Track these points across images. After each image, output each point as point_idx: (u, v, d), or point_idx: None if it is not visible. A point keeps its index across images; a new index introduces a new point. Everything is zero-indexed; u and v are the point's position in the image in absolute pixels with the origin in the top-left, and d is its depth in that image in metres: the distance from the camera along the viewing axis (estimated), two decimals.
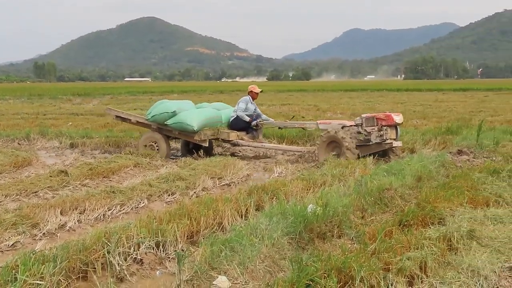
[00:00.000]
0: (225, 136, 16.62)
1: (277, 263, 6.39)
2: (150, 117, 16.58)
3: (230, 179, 12.55)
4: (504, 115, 29.69)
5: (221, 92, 78.45)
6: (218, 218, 8.16)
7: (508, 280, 6.06)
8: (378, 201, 9.29)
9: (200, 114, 16.35)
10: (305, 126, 17.18)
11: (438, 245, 6.56)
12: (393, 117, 14.88)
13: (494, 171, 11.44)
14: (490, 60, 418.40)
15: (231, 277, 5.94)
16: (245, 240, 6.48)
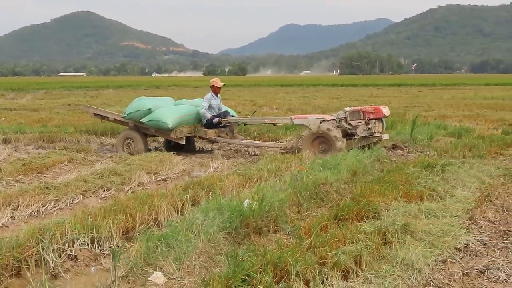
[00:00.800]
0: (202, 133, 16.32)
1: (213, 258, 6.39)
2: (126, 114, 16.32)
3: (166, 174, 12.49)
4: (437, 110, 30.12)
5: (157, 87, 77.93)
6: (154, 213, 8.11)
7: (441, 273, 6.15)
8: (314, 196, 9.33)
9: (176, 111, 16.08)
10: (277, 121, 16.65)
11: (373, 239, 6.63)
12: (382, 110, 14.73)
13: (428, 166, 11.58)
14: (424, 55, 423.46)
15: (167, 273, 5.93)
16: (181, 235, 6.47)
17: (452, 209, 8.64)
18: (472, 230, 7.83)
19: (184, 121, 16.04)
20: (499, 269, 6.20)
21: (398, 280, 5.79)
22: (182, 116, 16.04)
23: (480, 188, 10.43)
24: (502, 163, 13.36)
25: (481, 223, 8.26)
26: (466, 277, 6.13)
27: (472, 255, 6.84)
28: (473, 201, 9.37)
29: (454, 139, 17.19)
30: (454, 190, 9.94)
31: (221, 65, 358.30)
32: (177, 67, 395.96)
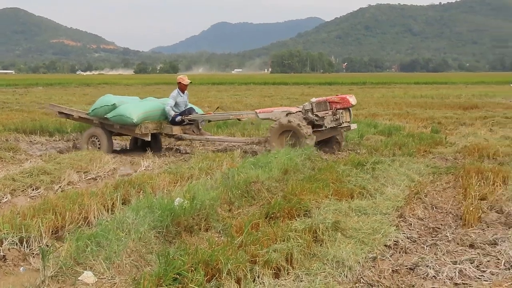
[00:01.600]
0: (168, 130, 16.08)
1: (144, 257, 6.34)
2: (90, 111, 16.06)
3: (96, 173, 12.37)
4: (368, 108, 30.41)
5: (87, 85, 77.29)
6: (84, 212, 8.03)
7: (371, 270, 6.20)
8: (245, 194, 9.33)
9: (141, 107, 15.82)
10: (242, 116, 16.50)
11: (304, 237, 6.65)
12: (348, 99, 14.63)
13: (358, 164, 11.68)
14: (354, 54, 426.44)
15: (97, 272, 5.87)
16: (111, 234, 6.41)
17: (382, 206, 8.72)
18: (401, 228, 7.92)
19: (149, 117, 15.79)
20: (428, 266, 6.27)
21: (329, 277, 5.82)
22: (148, 111, 15.79)
23: (409, 186, 10.56)
24: (431, 161, 13.56)
25: (411, 220, 8.35)
26: (396, 274, 6.19)
27: (401, 252, 6.92)
28: (402, 199, 9.47)
29: (384, 137, 17.38)
30: (384, 188, 10.04)
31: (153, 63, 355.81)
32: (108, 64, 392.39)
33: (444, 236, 7.58)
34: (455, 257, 6.62)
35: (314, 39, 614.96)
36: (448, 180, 11.52)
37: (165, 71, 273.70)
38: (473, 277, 6.05)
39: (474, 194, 9.55)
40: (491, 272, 6.17)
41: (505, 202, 9.06)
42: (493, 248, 6.91)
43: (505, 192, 9.76)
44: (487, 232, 7.72)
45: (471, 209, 8.46)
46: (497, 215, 8.55)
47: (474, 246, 7.07)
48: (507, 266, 6.28)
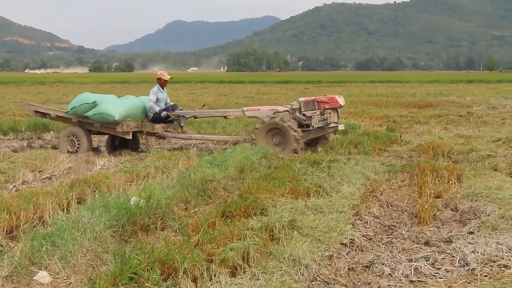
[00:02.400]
0: (149, 128, 15.82)
1: (99, 256, 6.29)
2: (69, 109, 15.65)
3: (51, 172, 12.25)
4: None
5: (42, 84, 76.68)
6: (39, 212, 7.94)
7: (328, 269, 6.22)
8: (201, 193, 9.31)
9: (122, 104, 15.60)
10: (228, 114, 16.43)
11: (260, 236, 6.64)
12: (337, 100, 14.52)
13: (314, 162, 11.71)
14: (310, 53, 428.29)
15: (53, 272, 5.81)
16: (66, 234, 6.35)
17: (338, 205, 8.75)
18: (357, 226, 7.95)
19: (131, 115, 15.58)
20: (384, 264, 6.31)
21: (285, 276, 5.82)
22: (129, 109, 15.57)
23: (365, 184, 10.61)
24: (386, 159, 13.65)
25: (366, 218, 8.39)
26: (352, 272, 6.22)
27: (357, 250, 6.95)
28: (358, 197, 9.51)
29: (340, 135, 17.41)
30: (340, 186, 10.06)
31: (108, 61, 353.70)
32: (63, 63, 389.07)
33: (400, 234, 7.63)
34: (410, 255, 6.67)
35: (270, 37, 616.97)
36: (403, 178, 11.61)
37: (121, 70, 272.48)
38: (428, 275, 6.10)
39: (429, 192, 9.62)
40: (446, 269, 6.21)
41: (459, 200, 9.13)
42: (448, 245, 6.96)
43: (459, 190, 9.84)
44: (442, 229, 7.78)
45: (426, 207, 8.53)
46: (452, 213, 8.63)
47: (429, 244, 7.12)
48: (462, 263, 6.33)
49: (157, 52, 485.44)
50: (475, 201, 9.04)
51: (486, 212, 8.33)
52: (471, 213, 8.47)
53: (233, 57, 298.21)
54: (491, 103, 34.23)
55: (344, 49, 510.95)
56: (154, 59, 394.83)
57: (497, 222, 7.71)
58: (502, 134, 17.18)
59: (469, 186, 9.91)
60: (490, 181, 10.24)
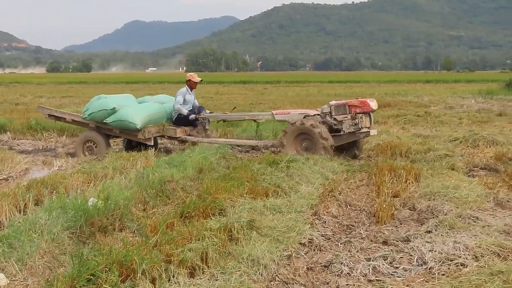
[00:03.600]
0: (171, 133, 15.37)
1: (57, 258, 6.25)
2: (87, 115, 15.11)
3: (7, 173, 12.14)
4: (282, 107, 30.48)
5: None
6: None
7: (286, 268, 6.24)
8: (160, 193, 9.28)
9: (143, 110, 15.10)
10: (258, 118, 15.97)
11: (219, 236, 6.64)
12: (369, 103, 13.89)
13: (273, 162, 11.69)
14: (269, 53, 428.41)
15: (9, 274, 5.76)
16: (23, 235, 6.30)
17: (297, 204, 8.76)
18: (316, 225, 7.99)
19: (152, 120, 15.15)
20: (343, 263, 6.34)
21: (244, 276, 5.82)
22: (150, 115, 15.14)
23: (323, 184, 10.64)
24: (345, 159, 13.69)
25: (325, 218, 8.43)
26: (310, 271, 6.24)
27: (316, 250, 6.98)
28: (317, 197, 9.54)
29: None
30: (298, 186, 10.08)
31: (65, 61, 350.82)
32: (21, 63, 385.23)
33: (358, 233, 7.68)
34: (368, 254, 6.71)
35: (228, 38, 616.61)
36: (361, 177, 11.67)
37: (78, 70, 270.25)
38: (386, 274, 6.14)
39: (387, 191, 9.69)
40: (404, 268, 6.26)
41: (417, 199, 9.20)
42: (405, 244, 7.02)
43: (417, 189, 9.92)
44: (400, 229, 7.84)
45: (384, 206, 8.59)
46: (410, 212, 8.69)
47: (387, 243, 7.17)
48: (420, 262, 6.38)
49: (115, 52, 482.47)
50: (432, 200, 9.11)
51: (444, 211, 8.41)
52: (429, 212, 8.54)
53: (192, 57, 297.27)
54: (448, 103, 34.49)
55: (302, 49, 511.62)
56: (112, 59, 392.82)
57: (454, 221, 7.78)
58: (459, 133, 17.31)
59: (427, 186, 9.99)
60: (447, 180, 10.34)
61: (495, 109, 29.16)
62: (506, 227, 7.78)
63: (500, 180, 10.95)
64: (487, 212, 8.65)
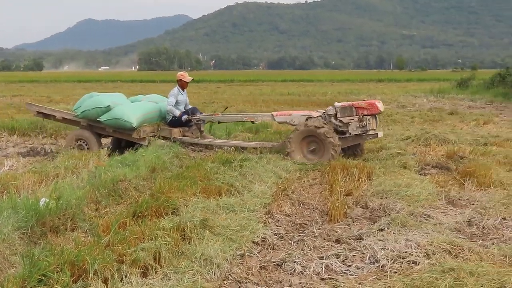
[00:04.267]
0: (166, 133, 14.92)
1: (8, 259, 6.16)
2: (80, 113, 14.62)
3: None
4: (236, 106, 30.57)
5: None
6: None
7: (239, 267, 6.24)
8: (112, 193, 9.20)
9: (138, 109, 14.67)
10: (256, 119, 15.47)
11: (172, 235, 6.64)
12: (377, 105, 13.58)
13: (226, 161, 11.68)
14: (222, 52, 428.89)
15: None
16: None
17: (250, 203, 8.78)
18: (269, 224, 8.01)
19: (147, 120, 14.75)
20: (296, 262, 6.36)
21: (197, 275, 5.82)
22: (146, 114, 14.73)
23: (277, 183, 10.66)
24: None
25: (278, 217, 8.45)
26: (263, 270, 6.26)
27: (269, 249, 7.00)
28: (270, 196, 9.56)
29: (252, 134, 17.46)
30: (251, 185, 10.09)
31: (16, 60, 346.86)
32: None
33: (311, 231, 7.71)
34: (321, 253, 6.75)
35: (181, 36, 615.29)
36: (314, 176, 11.70)
37: (30, 69, 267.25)
38: (339, 272, 6.18)
39: (340, 190, 9.75)
40: (357, 266, 6.31)
41: (369, 198, 9.26)
42: (358, 243, 7.06)
43: (369, 188, 9.99)
44: (353, 227, 7.89)
45: (337, 204, 8.64)
46: (362, 210, 8.75)
47: (340, 241, 7.22)
48: (372, 260, 6.43)
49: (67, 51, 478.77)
50: (385, 198, 9.19)
51: (396, 209, 8.49)
52: (381, 210, 8.62)
53: (145, 56, 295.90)
54: (400, 101, 34.77)
55: (256, 48, 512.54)
56: (64, 58, 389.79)
57: (406, 219, 7.86)
58: (411, 132, 17.46)
59: (379, 184, 10.07)
60: (399, 178, 10.44)
61: (447, 108, 29.45)
62: (457, 224, 7.89)
63: (451, 178, 11.07)
64: (438, 210, 8.75)
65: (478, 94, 39.69)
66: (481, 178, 10.55)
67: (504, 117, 25.06)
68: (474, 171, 10.92)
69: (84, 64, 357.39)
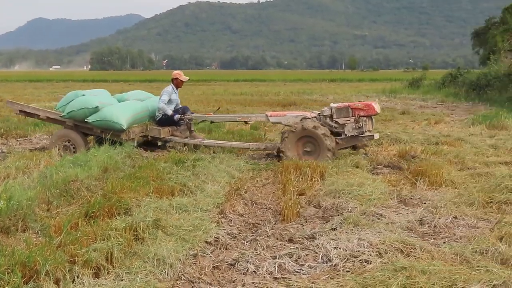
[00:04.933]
0: (155, 133, 14.60)
1: None
2: (66, 113, 14.08)
3: None
4: (188, 106, 30.39)
5: None
6: None
7: (192, 267, 6.24)
8: (64, 193, 9.13)
9: (127, 109, 14.20)
10: (249, 119, 15.19)
11: (124, 236, 6.61)
12: (374, 107, 13.30)
13: (179, 161, 11.65)
14: (175, 51, 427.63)
15: None
16: None
17: (203, 203, 8.78)
18: (222, 224, 8.01)
19: (136, 120, 14.35)
20: (249, 261, 6.37)
21: (150, 275, 5.81)
22: (135, 114, 14.32)
23: (230, 182, 10.66)
24: (251, 157, 13.73)
25: (231, 216, 8.46)
26: (216, 270, 6.26)
27: (222, 248, 7.00)
28: (223, 195, 9.56)
29: (204, 134, 17.42)
30: (204, 185, 10.08)
31: None
32: None
33: (264, 231, 7.72)
34: (274, 252, 6.77)
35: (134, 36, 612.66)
36: (267, 176, 11.72)
37: None
38: (292, 271, 6.20)
39: (293, 189, 9.77)
40: (310, 265, 6.33)
41: (322, 197, 9.30)
42: (311, 242, 7.09)
43: (322, 187, 10.03)
44: (306, 226, 7.93)
45: (290, 204, 8.66)
46: (315, 210, 8.78)
47: (293, 241, 7.24)
48: (325, 259, 6.46)
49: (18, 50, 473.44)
50: (337, 198, 9.24)
51: (348, 209, 8.54)
52: (334, 209, 8.66)
53: (97, 56, 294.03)
54: (352, 101, 34.99)
55: (208, 48, 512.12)
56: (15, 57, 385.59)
57: (359, 218, 7.91)
58: None
59: (332, 183, 10.11)
60: (352, 178, 10.49)
61: (399, 108, 29.73)
62: (409, 223, 7.96)
63: (403, 178, 11.16)
64: (390, 209, 8.82)
65: (429, 94, 40.15)
66: (433, 177, 10.66)
67: (455, 116, 25.31)
68: (425, 170, 11.02)
69: (35, 64, 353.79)
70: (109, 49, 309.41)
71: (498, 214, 8.38)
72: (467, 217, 8.31)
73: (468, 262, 6.27)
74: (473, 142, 15.86)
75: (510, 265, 6.19)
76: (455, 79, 42.96)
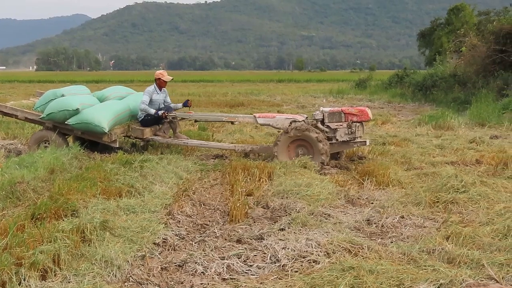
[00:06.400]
0: (138, 133, 14.22)
1: None
2: (45, 115, 13.65)
3: None
4: None
5: None
6: None
7: (140, 269, 6.23)
8: (9, 195, 9.04)
9: (109, 111, 13.78)
10: (236, 119, 14.51)
11: (71, 237, 6.57)
12: (367, 112, 13.05)
13: (126, 162, 11.60)
14: (122, 52, 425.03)
15: None
16: None
17: (151, 204, 8.76)
18: (170, 225, 8.00)
19: (118, 121, 14.00)
20: (197, 262, 6.38)
21: (97, 277, 5.79)
22: (117, 116, 13.94)
23: (177, 183, 10.65)
24: (199, 158, 13.71)
25: (179, 217, 8.45)
26: (165, 271, 6.25)
27: (170, 250, 7.00)
28: (171, 196, 9.56)
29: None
30: (152, 186, 10.07)
31: None
32: None
33: (212, 232, 7.73)
34: (223, 253, 6.78)
35: (80, 36, 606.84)
36: (215, 177, 11.73)
37: None
38: (240, 272, 6.21)
39: (241, 190, 9.80)
40: (258, 266, 6.35)
41: (270, 198, 9.32)
42: (259, 242, 7.12)
43: (270, 188, 10.06)
44: (254, 227, 7.94)
45: (238, 205, 8.67)
46: (263, 210, 8.80)
47: (242, 241, 7.25)
48: (273, 260, 6.49)
49: None
50: (285, 198, 9.26)
51: (296, 209, 8.58)
52: (282, 210, 8.69)
53: (43, 56, 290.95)
54: (300, 102, 35.18)
55: (156, 48, 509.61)
56: None
57: (307, 218, 7.95)
58: None
59: (280, 184, 10.13)
60: (300, 178, 10.50)
61: None
62: (356, 223, 8.04)
63: (351, 178, 11.28)
64: (338, 209, 8.90)
65: (376, 95, 40.53)
66: (380, 177, 10.78)
67: (401, 117, 25.63)
68: (373, 170, 11.14)
69: None
70: (56, 49, 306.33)
71: (445, 214, 8.49)
72: (414, 216, 8.41)
73: (415, 262, 6.34)
74: (419, 142, 16.07)
75: (456, 264, 6.28)
76: (401, 80, 43.38)
